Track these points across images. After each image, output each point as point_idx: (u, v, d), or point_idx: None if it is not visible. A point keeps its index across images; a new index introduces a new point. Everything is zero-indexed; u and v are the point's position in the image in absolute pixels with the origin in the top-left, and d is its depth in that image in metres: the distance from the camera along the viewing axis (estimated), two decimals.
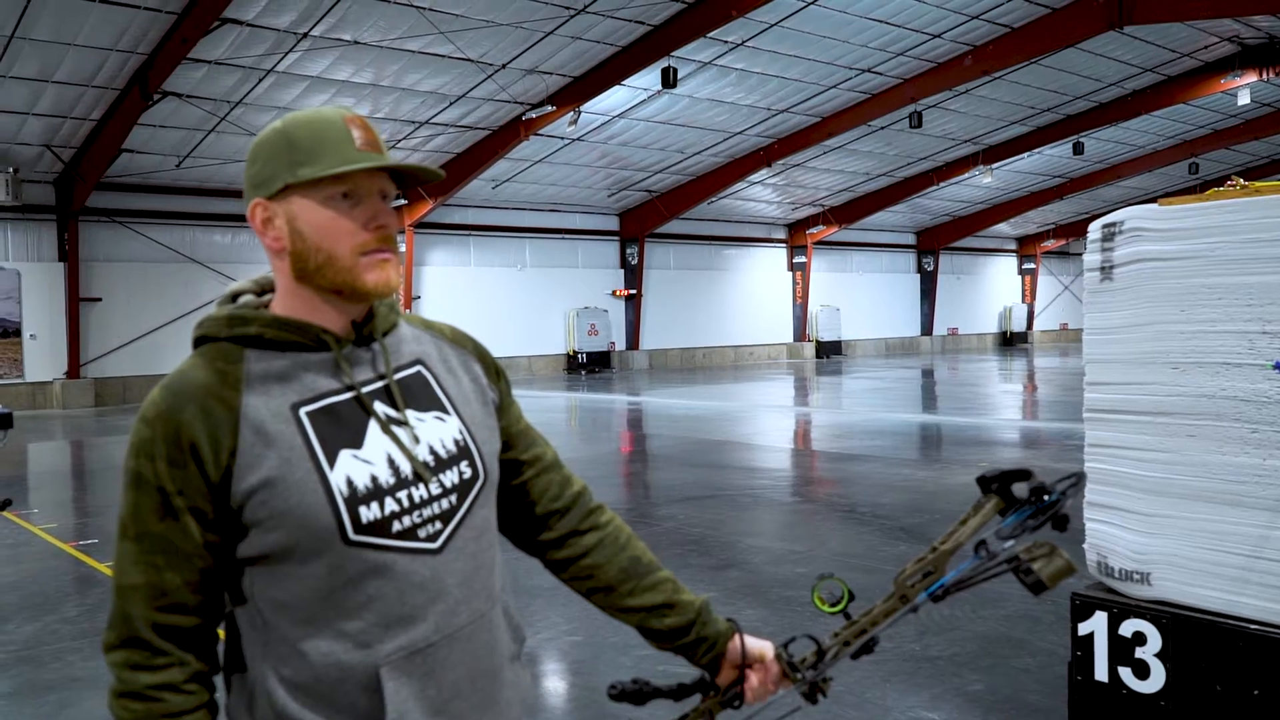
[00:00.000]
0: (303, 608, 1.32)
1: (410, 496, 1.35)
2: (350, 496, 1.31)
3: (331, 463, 1.31)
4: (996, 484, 1.42)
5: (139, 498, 1.31)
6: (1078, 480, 1.42)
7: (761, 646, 1.56)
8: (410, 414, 1.40)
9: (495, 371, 1.59)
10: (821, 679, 1.49)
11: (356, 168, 1.32)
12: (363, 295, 1.37)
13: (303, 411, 1.33)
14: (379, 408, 1.38)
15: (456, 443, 1.43)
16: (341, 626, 1.31)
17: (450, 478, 1.40)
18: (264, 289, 1.47)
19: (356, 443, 1.34)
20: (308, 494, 1.29)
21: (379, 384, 1.40)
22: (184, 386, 1.33)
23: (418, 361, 1.47)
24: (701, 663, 1.59)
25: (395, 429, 1.38)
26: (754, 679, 1.55)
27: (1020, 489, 1.41)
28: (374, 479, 1.33)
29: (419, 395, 1.43)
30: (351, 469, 1.32)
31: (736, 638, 1.57)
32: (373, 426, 1.36)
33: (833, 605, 1.48)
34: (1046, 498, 1.39)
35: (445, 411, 1.44)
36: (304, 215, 1.35)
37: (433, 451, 1.39)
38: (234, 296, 1.45)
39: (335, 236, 1.34)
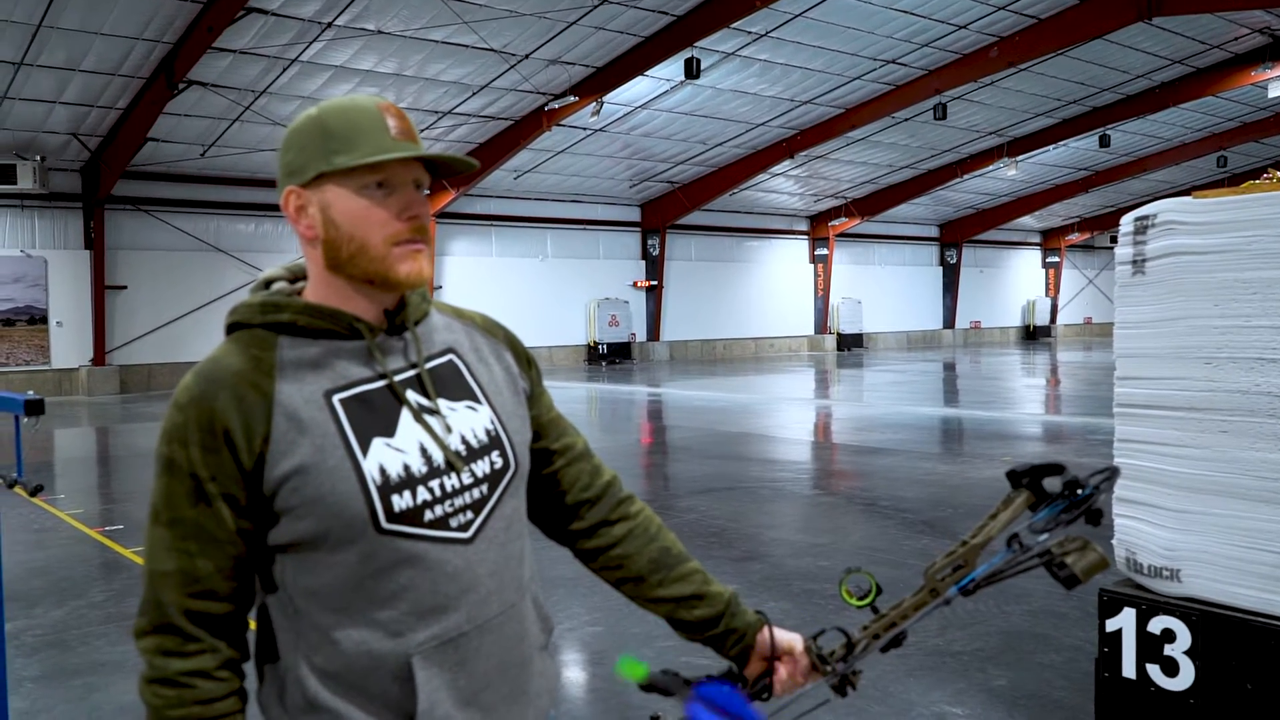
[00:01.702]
0: (335, 596, 1.31)
1: (442, 486, 1.35)
2: (383, 485, 1.30)
3: (364, 450, 1.31)
4: (1027, 478, 1.41)
5: (171, 484, 1.30)
6: (1111, 475, 1.40)
7: (790, 639, 1.55)
8: (442, 403, 1.40)
9: (526, 360, 1.59)
10: (851, 671, 1.48)
11: (392, 156, 1.31)
12: (394, 285, 1.36)
13: (336, 399, 1.32)
14: (411, 396, 1.38)
15: (488, 432, 1.42)
16: (374, 615, 1.31)
17: (482, 467, 1.40)
18: (297, 276, 1.46)
19: (389, 431, 1.34)
20: (340, 481, 1.28)
21: (411, 372, 1.39)
22: (217, 373, 1.32)
23: (449, 350, 1.46)
24: (730, 654, 1.58)
25: (427, 418, 1.37)
26: (783, 671, 1.53)
27: (1052, 483, 1.39)
28: (406, 467, 1.33)
29: (451, 384, 1.43)
30: (384, 457, 1.32)
31: (765, 630, 1.56)
32: (405, 415, 1.36)
33: (861, 599, 1.46)
34: (1080, 492, 1.37)
35: (477, 401, 1.44)
36: (338, 204, 1.34)
37: (464, 441, 1.39)
38: (267, 284, 1.45)
39: (368, 226, 1.33)
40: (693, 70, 20.03)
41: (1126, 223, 3.38)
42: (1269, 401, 3.01)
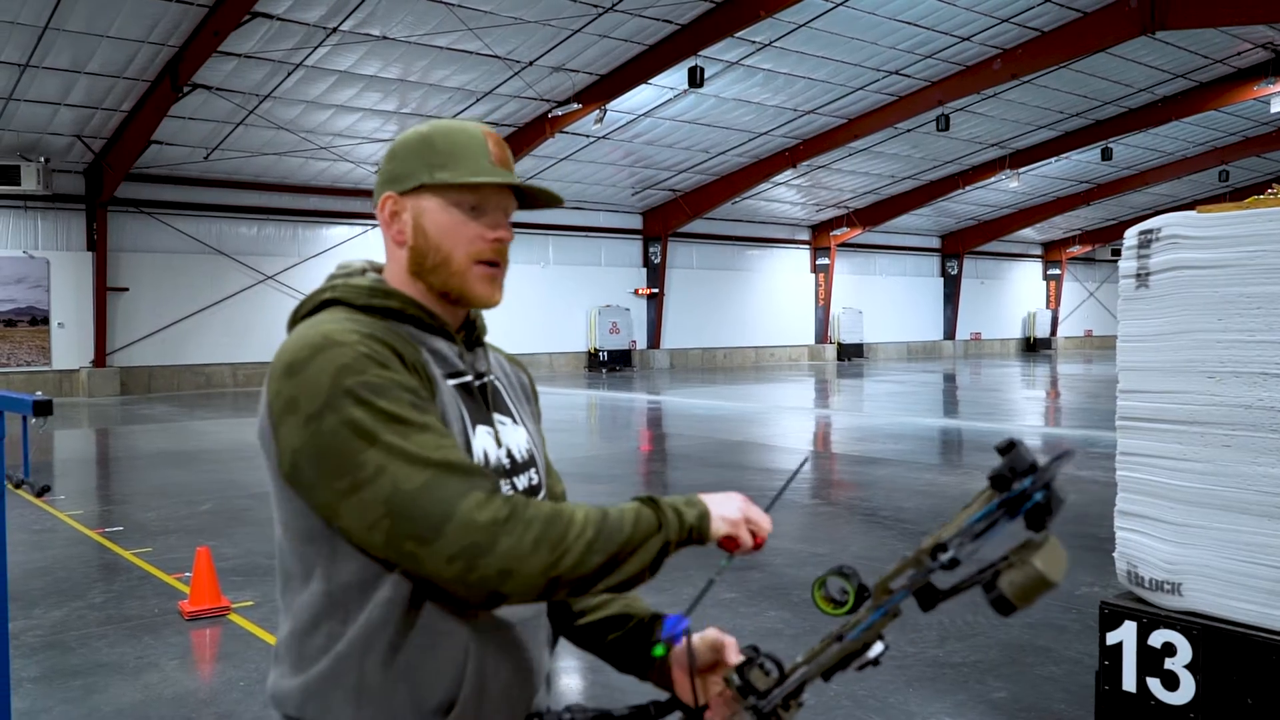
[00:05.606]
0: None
1: (514, 485, 1.46)
2: (485, 466, 1.39)
3: (472, 434, 1.40)
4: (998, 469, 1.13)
5: (383, 401, 1.23)
6: (1061, 457, 1.12)
7: (723, 646, 1.47)
8: (495, 416, 1.48)
9: (536, 397, 1.70)
10: (779, 706, 1.26)
11: (490, 180, 1.39)
12: (468, 302, 1.44)
13: (449, 383, 1.41)
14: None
15: (528, 450, 1.52)
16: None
17: (523, 481, 1.48)
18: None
19: (486, 422, 1.44)
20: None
21: (478, 382, 1.48)
22: (363, 323, 1.33)
23: (490, 372, 1.55)
24: (649, 674, 1.54)
25: (489, 426, 1.46)
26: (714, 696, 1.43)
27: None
28: (495, 458, 1.44)
29: (500, 401, 1.52)
30: (485, 443, 1.42)
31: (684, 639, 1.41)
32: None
33: (839, 608, 1.22)
34: (1014, 486, 1.07)
35: (516, 421, 1.53)
36: (431, 215, 1.41)
37: (510, 455, 1.47)
38: (363, 271, 1.49)
39: (455, 240, 1.41)
40: (696, 79, 20.07)
41: (1130, 236, 3.39)
42: (1271, 416, 3.01)
